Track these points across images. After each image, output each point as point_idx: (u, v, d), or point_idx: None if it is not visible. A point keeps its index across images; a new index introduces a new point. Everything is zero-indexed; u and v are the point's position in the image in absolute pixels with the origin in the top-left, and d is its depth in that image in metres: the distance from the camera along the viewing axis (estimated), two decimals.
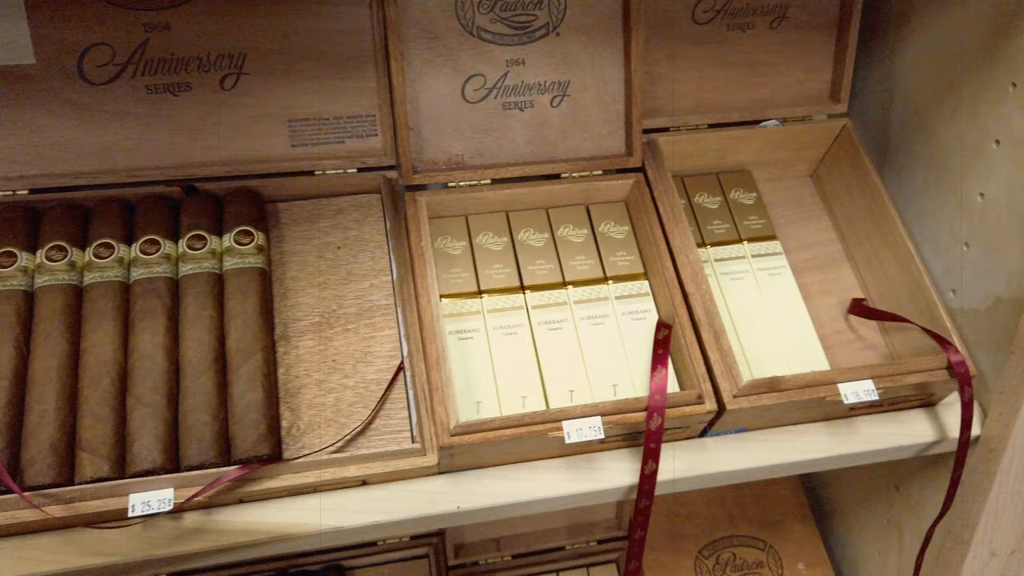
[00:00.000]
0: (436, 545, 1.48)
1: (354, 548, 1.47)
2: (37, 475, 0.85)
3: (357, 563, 1.47)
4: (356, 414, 0.97)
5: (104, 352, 0.93)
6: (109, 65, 1.06)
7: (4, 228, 1.00)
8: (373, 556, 1.48)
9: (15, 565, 0.87)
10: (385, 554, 1.49)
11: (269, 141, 1.12)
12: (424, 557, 1.49)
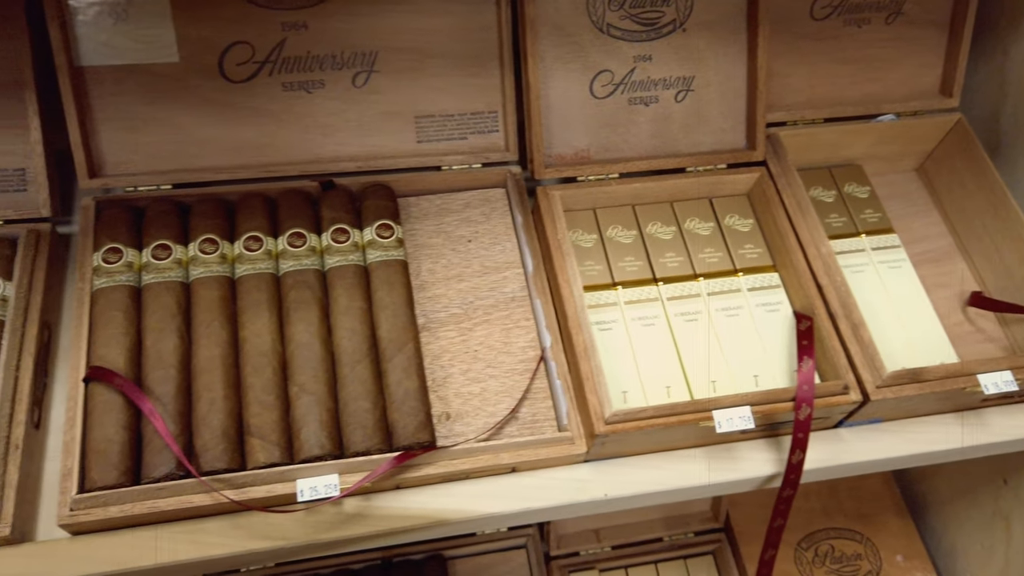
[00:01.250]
0: (532, 536, 1.50)
1: (453, 538, 1.49)
2: (212, 461, 0.88)
3: (456, 553, 1.50)
4: (501, 403, 0.99)
5: (263, 342, 0.95)
6: (248, 63, 1.08)
7: (157, 222, 1.03)
8: (472, 546, 1.50)
9: (187, 549, 0.89)
10: (484, 544, 1.51)
11: (396, 137, 1.15)
12: (522, 547, 1.52)
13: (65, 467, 0.88)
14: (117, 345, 0.93)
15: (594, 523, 1.51)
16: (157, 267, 0.99)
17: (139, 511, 0.87)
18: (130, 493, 0.86)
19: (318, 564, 1.45)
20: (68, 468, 0.87)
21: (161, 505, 0.87)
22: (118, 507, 0.86)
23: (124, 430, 0.89)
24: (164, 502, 0.87)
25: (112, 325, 0.94)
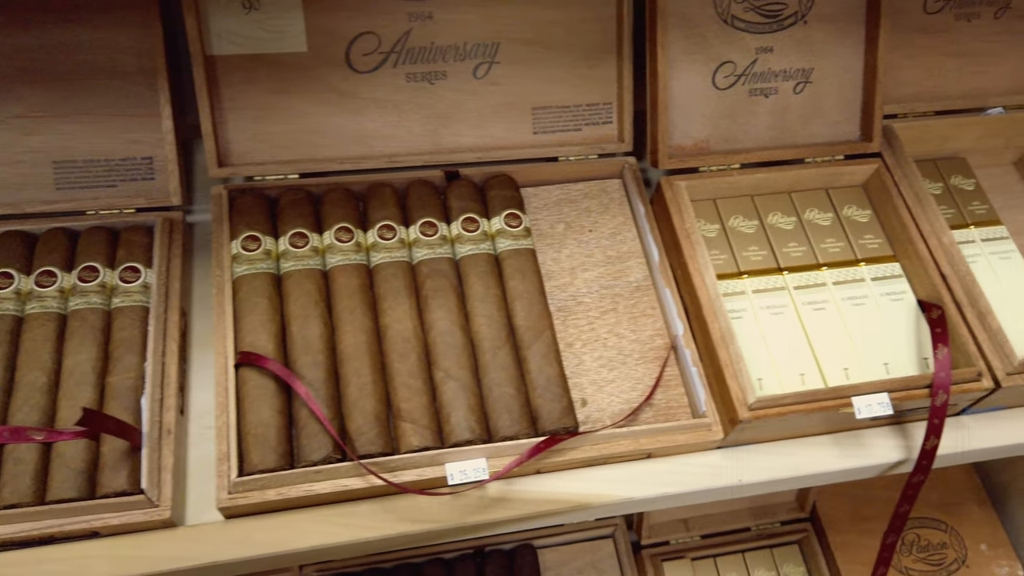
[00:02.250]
0: (620, 526, 1.52)
1: (541, 528, 1.50)
2: (367, 444, 0.89)
3: (545, 543, 1.51)
4: (634, 390, 1.01)
5: (405, 328, 0.96)
6: (374, 53, 1.09)
7: (291, 210, 1.04)
8: (560, 536, 1.51)
9: (339, 531, 0.90)
10: (571, 534, 1.52)
11: (513, 128, 1.16)
12: (609, 537, 1.53)
13: (220, 451, 0.89)
14: (264, 331, 0.94)
15: (683, 512, 1.52)
16: (296, 255, 1.00)
17: (295, 494, 0.88)
18: (288, 476, 0.87)
19: (412, 553, 1.46)
20: (223, 452, 0.89)
21: (316, 488, 0.88)
22: (275, 490, 0.88)
23: (279, 414, 0.90)
24: (320, 485, 0.88)
25: (258, 312, 0.95)
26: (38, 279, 0.95)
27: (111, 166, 1.06)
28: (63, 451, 0.85)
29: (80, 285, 0.96)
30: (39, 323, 0.92)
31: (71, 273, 0.97)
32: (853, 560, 1.49)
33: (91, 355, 0.91)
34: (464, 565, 1.44)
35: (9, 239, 0.98)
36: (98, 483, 0.85)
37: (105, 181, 1.06)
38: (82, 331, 0.93)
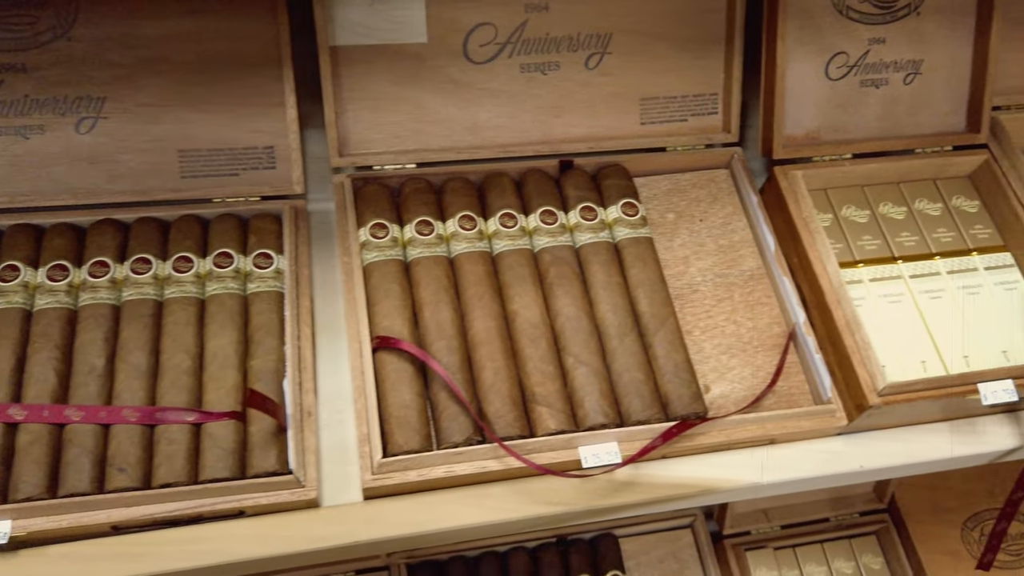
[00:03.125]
0: (698, 515, 1.53)
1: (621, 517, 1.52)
2: (506, 427, 0.91)
3: (624, 532, 1.52)
4: (756, 377, 1.02)
5: (533, 314, 0.98)
6: (491, 44, 1.11)
7: (415, 199, 1.05)
8: (639, 525, 1.53)
9: (475, 513, 0.92)
10: (650, 524, 1.54)
11: (622, 119, 1.17)
12: (687, 527, 1.54)
13: (360, 433, 0.91)
14: (399, 316, 0.96)
15: (764, 503, 1.53)
16: (423, 242, 1.02)
17: (436, 475, 0.89)
18: (430, 457, 0.89)
19: (495, 541, 1.47)
20: (364, 434, 0.90)
21: (457, 470, 0.90)
22: (417, 471, 0.89)
23: (419, 397, 0.92)
24: (460, 467, 0.90)
25: (391, 297, 0.97)
26: (175, 264, 0.97)
27: (234, 155, 1.08)
28: (213, 432, 0.87)
29: (216, 271, 0.97)
30: (180, 307, 0.94)
31: (206, 259, 0.99)
32: (934, 550, 1.50)
33: (232, 339, 0.93)
34: (548, 553, 1.46)
35: (144, 225, 1.00)
36: (248, 463, 0.87)
37: (228, 170, 1.08)
38: (221, 316, 0.94)
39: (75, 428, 0.85)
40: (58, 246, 0.97)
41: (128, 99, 1.04)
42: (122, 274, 0.96)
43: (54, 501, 0.82)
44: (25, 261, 0.95)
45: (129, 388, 0.88)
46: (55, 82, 1.02)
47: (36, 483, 0.82)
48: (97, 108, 1.04)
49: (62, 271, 0.95)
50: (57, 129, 1.03)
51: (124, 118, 1.04)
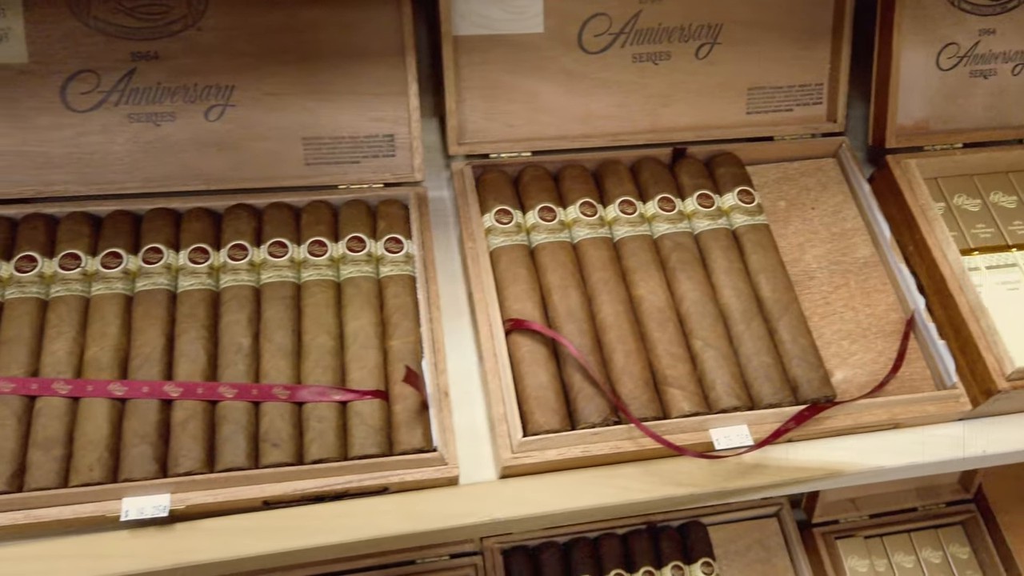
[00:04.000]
0: (784, 504, 1.54)
1: (709, 505, 1.53)
2: (640, 409, 0.92)
3: (710, 521, 1.54)
4: (877, 363, 1.03)
5: (659, 299, 0.99)
6: (605, 35, 1.12)
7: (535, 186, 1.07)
8: (725, 514, 1.54)
9: (609, 492, 0.93)
10: (736, 512, 1.55)
11: (729, 108, 1.18)
12: (773, 516, 1.55)
13: (496, 413, 0.93)
14: (529, 300, 0.98)
15: (851, 492, 1.54)
16: (547, 228, 1.03)
17: (571, 455, 0.91)
18: (567, 437, 0.90)
19: (585, 528, 1.49)
20: (501, 413, 0.92)
21: (592, 450, 0.91)
22: (555, 451, 0.91)
23: (554, 378, 0.94)
24: (596, 447, 0.91)
25: (520, 282, 0.99)
26: (310, 248, 0.99)
27: (355, 143, 1.10)
28: (360, 410, 0.89)
29: (349, 255, 1.00)
30: (319, 289, 0.97)
31: (338, 243, 1.01)
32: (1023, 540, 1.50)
33: (371, 320, 0.95)
34: (638, 540, 1.47)
35: (276, 210, 1.03)
36: (394, 441, 0.89)
37: (349, 158, 1.10)
38: (359, 298, 0.96)
39: (228, 405, 0.88)
40: (196, 229, 0.99)
41: (255, 88, 1.07)
42: (260, 257, 0.98)
43: (212, 476, 0.84)
44: (167, 244, 0.97)
45: (276, 367, 0.91)
46: (186, 70, 1.05)
47: (195, 457, 0.84)
48: (225, 96, 1.06)
49: (203, 254, 0.97)
50: (187, 116, 1.06)
51: (251, 106, 1.07)
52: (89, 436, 0.84)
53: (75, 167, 1.03)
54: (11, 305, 0.91)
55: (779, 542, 1.54)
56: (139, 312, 0.92)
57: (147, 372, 0.88)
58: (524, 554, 1.45)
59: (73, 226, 0.97)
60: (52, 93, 1.02)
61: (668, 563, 1.44)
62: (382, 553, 1.42)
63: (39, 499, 0.81)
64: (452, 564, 1.45)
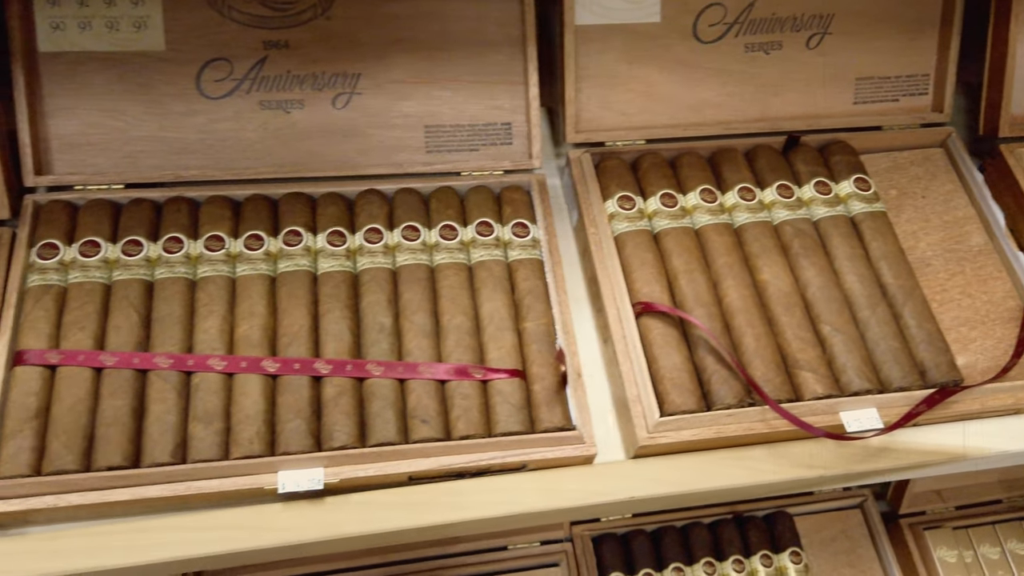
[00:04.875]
0: (868, 496, 1.55)
1: (792, 496, 1.54)
2: (773, 391, 0.94)
3: (797, 511, 1.54)
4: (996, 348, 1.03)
5: (784, 284, 1.01)
6: (719, 24, 1.14)
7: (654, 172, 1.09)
8: (811, 504, 1.55)
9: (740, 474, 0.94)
10: (820, 503, 1.55)
11: (836, 98, 1.20)
12: (857, 508, 1.56)
13: (631, 394, 0.94)
14: (656, 284, 0.99)
15: (936, 483, 1.54)
16: (669, 213, 1.05)
17: (705, 436, 0.92)
18: (702, 418, 0.92)
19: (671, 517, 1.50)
20: (635, 395, 0.94)
21: (725, 431, 0.93)
22: (690, 431, 0.92)
23: (687, 360, 0.95)
24: (729, 428, 0.93)
25: (647, 266, 1.00)
26: (442, 232, 1.01)
27: (474, 131, 1.12)
28: (501, 388, 0.91)
29: (479, 239, 1.02)
30: (452, 272, 0.99)
31: (467, 228, 1.03)
32: None
33: (504, 302, 0.97)
34: (726, 529, 1.48)
35: (406, 195, 1.05)
36: (535, 419, 0.91)
37: (468, 145, 1.12)
38: (491, 281, 0.98)
39: (376, 382, 0.90)
40: (332, 213, 1.01)
41: (380, 76, 1.09)
42: (394, 240, 1.01)
43: (364, 450, 0.86)
44: (305, 227, 1.00)
45: (419, 346, 0.93)
46: (314, 59, 1.07)
47: (349, 432, 0.87)
48: (352, 84, 1.09)
49: (340, 237, 0.99)
50: (315, 104, 1.08)
51: (376, 94, 1.09)
52: (246, 411, 0.86)
53: (208, 153, 1.06)
54: (162, 284, 0.93)
55: (863, 533, 1.55)
56: (284, 292, 0.95)
57: (296, 350, 0.91)
58: (614, 541, 1.46)
59: (215, 209, 1.00)
60: (188, 80, 1.05)
61: (756, 552, 1.45)
62: (475, 538, 1.44)
63: (202, 471, 0.84)
64: (542, 551, 1.46)
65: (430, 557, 1.43)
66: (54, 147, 1.02)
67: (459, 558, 1.44)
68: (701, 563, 1.44)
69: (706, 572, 1.43)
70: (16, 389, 0.85)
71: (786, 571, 1.43)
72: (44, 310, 0.89)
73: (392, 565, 1.42)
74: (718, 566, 1.44)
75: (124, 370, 0.87)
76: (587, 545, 1.46)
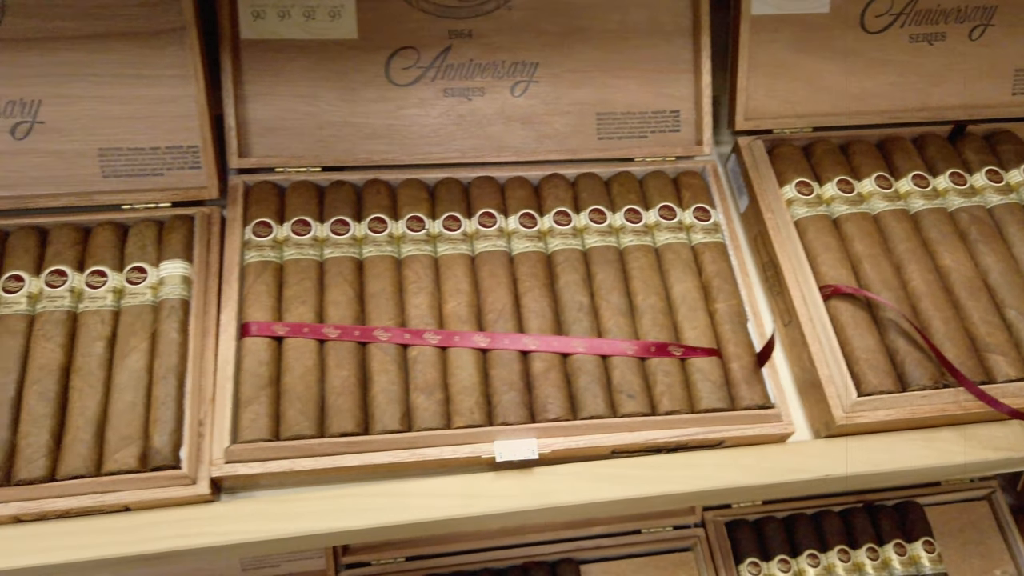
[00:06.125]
0: (995, 488, 1.55)
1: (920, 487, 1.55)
2: (967, 374, 0.95)
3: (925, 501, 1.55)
4: None
5: (966, 269, 1.02)
6: (886, 15, 1.16)
7: (829, 159, 1.11)
8: (938, 495, 1.55)
9: (931, 455, 0.96)
10: (945, 495, 1.56)
11: (994, 88, 1.21)
12: (984, 499, 1.56)
13: (823, 375, 0.96)
14: (842, 267, 1.01)
15: None
16: (847, 199, 1.07)
17: (899, 416, 0.94)
18: (898, 399, 0.94)
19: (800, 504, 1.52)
20: (827, 375, 0.96)
21: (918, 412, 0.94)
22: (884, 412, 0.94)
23: (879, 342, 0.97)
24: (922, 409, 0.94)
25: (832, 250, 1.02)
26: (627, 215, 1.04)
27: (644, 118, 1.15)
28: (701, 366, 0.94)
29: (663, 222, 1.04)
30: (642, 254, 1.02)
31: (649, 211, 1.06)
32: None
33: (694, 284, 1.00)
34: (858, 517, 1.49)
35: (588, 180, 1.08)
36: (735, 396, 0.93)
37: (638, 132, 1.15)
38: (679, 263, 1.01)
39: (581, 358, 0.93)
40: (521, 196, 1.05)
41: (557, 64, 1.12)
42: (582, 223, 1.04)
43: (575, 423, 0.89)
44: (497, 209, 1.03)
45: (617, 324, 0.96)
46: (496, 48, 1.11)
47: (560, 405, 0.90)
48: (530, 73, 1.12)
49: (530, 219, 1.03)
50: (495, 91, 1.12)
51: (553, 82, 1.12)
52: (464, 383, 0.90)
53: (394, 138, 1.10)
54: (372, 262, 0.97)
55: (992, 524, 1.55)
56: (485, 271, 0.98)
57: (503, 326, 0.94)
58: (747, 527, 1.48)
59: (412, 191, 1.03)
60: (377, 68, 1.09)
61: (890, 540, 1.46)
62: (608, 521, 1.47)
63: (425, 439, 0.87)
64: (675, 535, 1.49)
65: (566, 539, 1.46)
66: (253, 131, 1.07)
67: (595, 540, 1.47)
68: (835, 550, 1.45)
69: (840, 559, 1.45)
70: (248, 359, 0.89)
71: (919, 560, 1.44)
72: (265, 284, 0.93)
73: (529, 546, 1.45)
74: (852, 554, 1.45)
75: (346, 342, 0.91)
76: (720, 530, 1.48)
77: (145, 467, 0.83)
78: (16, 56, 0.96)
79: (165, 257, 0.94)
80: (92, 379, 0.85)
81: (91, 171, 1.01)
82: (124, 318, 0.90)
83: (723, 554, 1.46)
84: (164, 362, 0.87)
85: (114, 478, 0.82)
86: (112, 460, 0.82)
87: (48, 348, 0.87)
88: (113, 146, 1.01)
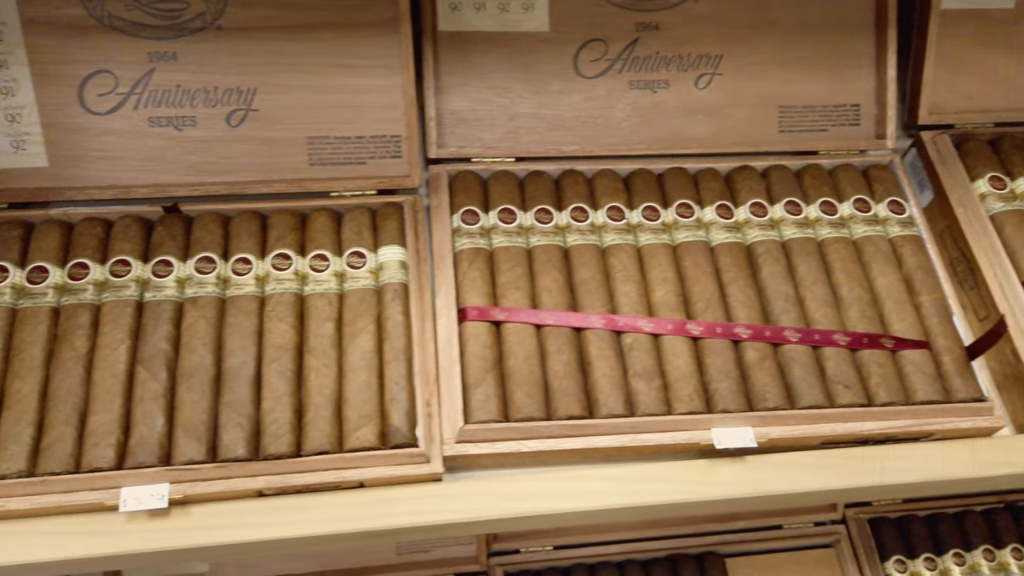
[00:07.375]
0: None
1: None
2: None
3: None
4: None
5: None
6: None
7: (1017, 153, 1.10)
8: None
9: None
10: None
11: None
12: None
13: None
14: None
15: None
16: (1000, 196, 1.06)
17: None
18: None
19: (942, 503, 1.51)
20: None
21: None
22: None
23: None
24: None
25: None
26: (822, 207, 1.05)
27: (825, 111, 1.15)
28: (913, 358, 0.94)
29: (858, 214, 1.05)
30: (841, 246, 1.02)
31: (842, 204, 1.06)
32: None
33: (897, 276, 1.00)
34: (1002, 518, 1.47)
35: (779, 171, 1.09)
36: (948, 389, 0.93)
37: (819, 125, 1.15)
38: (879, 256, 1.02)
39: (794, 348, 0.93)
40: (714, 188, 1.06)
41: (741, 58, 1.13)
42: (778, 215, 1.04)
43: (793, 412, 0.90)
44: (693, 200, 1.04)
45: (825, 315, 0.96)
46: (681, 41, 1.12)
47: (778, 394, 0.90)
48: (714, 65, 1.13)
49: (726, 210, 1.04)
50: (679, 84, 1.13)
51: (736, 75, 1.13)
52: (680, 369, 0.91)
53: (581, 130, 1.11)
54: (578, 251, 0.99)
55: None
56: (688, 261, 0.99)
57: (712, 315, 0.95)
58: (890, 524, 1.47)
59: (608, 182, 1.05)
60: (566, 60, 1.10)
61: None
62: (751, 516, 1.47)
63: (646, 424, 0.88)
64: (816, 531, 1.48)
65: (709, 532, 1.47)
66: (447, 121, 1.09)
67: (737, 534, 1.47)
68: (980, 549, 1.44)
69: (986, 559, 1.44)
70: (472, 342, 0.91)
71: None
72: (479, 271, 0.95)
73: (674, 538, 1.46)
74: (997, 553, 1.44)
75: (563, 328, 0.93)
76: (863, 527, 1.47)
77: (385, 445, 0.85)
78: (236, 45, 0.99)
79: (382, 243, 0.96)
80: (326, 359, 0.88)
81: (299, 159, 1.03)
82: (348, 300, 0.92)
83: (867, 551, 1.45)
84: (393, 344, 0.89)
85: (356, 455, 0.84)
86: (354, 437, 0.84)
87: (281, 328, 0.89)
88: (321, 135, 1.03)
